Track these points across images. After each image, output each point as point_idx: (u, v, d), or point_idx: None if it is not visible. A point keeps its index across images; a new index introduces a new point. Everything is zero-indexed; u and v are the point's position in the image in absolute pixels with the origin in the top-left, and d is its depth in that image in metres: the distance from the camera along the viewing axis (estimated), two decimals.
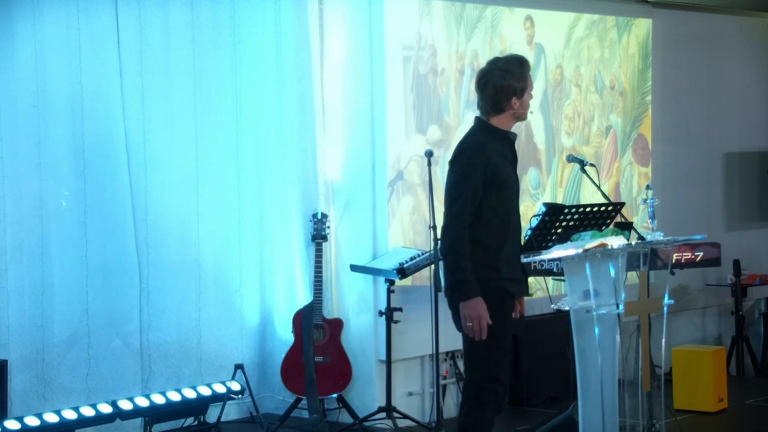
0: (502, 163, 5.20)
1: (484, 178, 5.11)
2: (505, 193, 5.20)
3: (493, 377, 5.22)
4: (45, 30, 6.83)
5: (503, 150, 5.24)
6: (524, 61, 5.33)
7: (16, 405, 6.68)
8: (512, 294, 5.29)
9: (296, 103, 7.60)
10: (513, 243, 5.28)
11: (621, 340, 5.66)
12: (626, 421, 5.80)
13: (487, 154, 5.14)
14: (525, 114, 5.34)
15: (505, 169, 5.21)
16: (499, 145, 5.23)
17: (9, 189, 6.78)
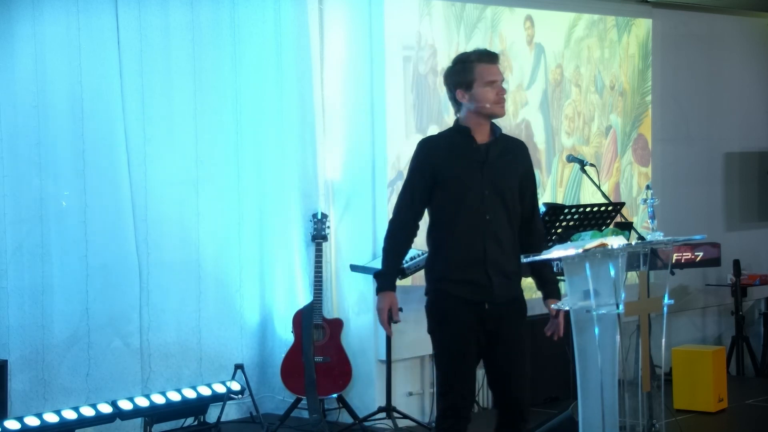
0: (453, 161, 4.98)
1: (425, 174, 4.99)
2: (451, 193, 4.97)
3: (446, 383, 5.05)
4: (45, 30, 6.83)
5: (464, 147, 4.99)
6: (472, 54, 5.14)
7: (16, 405, 6.68)
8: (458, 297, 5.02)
9: (296, 103, 7.60)
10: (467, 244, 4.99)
11: (621, 340, 5.66)
12: (626, 421, 5.80)
13: (429, 151, 5.01)
14: (486, 108, 4.97)
15: (455, 167, 4.98)
16: (460, 143, 5.00)
17: (9, 189, 6.78)
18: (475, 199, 4.96)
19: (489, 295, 5.02)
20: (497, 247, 5.00)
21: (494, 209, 4.98)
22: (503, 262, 5.03)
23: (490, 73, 5.03)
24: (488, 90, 4.99)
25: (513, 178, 5.04)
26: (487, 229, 4.97)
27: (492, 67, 5.07)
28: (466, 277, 5.00)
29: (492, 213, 4.97)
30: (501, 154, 5.03)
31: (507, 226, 5.02)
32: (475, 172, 4.97)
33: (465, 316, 5.02)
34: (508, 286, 5.09)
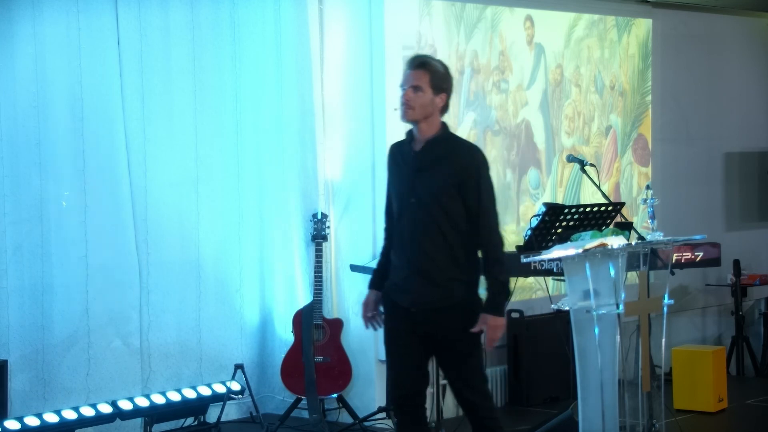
0: (396, 168, 5.15)
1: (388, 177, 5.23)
2: (394, 196, 5.14)
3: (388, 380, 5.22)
4: (45, 30, 6.83)
5: (405, 154, 5.11)
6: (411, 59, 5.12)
7: (16, 405, 6.68)
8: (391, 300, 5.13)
9: (296, 103, 7.59)
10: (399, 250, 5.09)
11: (621, 340, 5.67)
12: (626, 421, 5.81)
13: (388, 158, 5.22)
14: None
15: (395, 174, 5.15)
16: (405, 149, 5.12)
17: (9, 189, 6.78)
18: (404, 206, 5.06)
19: (412, 300, 5.03)
20: (421, 254, 5.00)
21: (419, 217, 5.00)
22: (430, 269, 4.99)
23: (403, 78, 5.06)
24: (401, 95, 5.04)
25: (443, 185, 4.98)
26: (411, 236, 5.02)
27: (407, 72, 5.05)
28: (397, 282, 5.09)
29: (416, 220, 5.00)
30: (434, 161, 5.01)
31: (437, 233, 4.98)
32: (407, 180, 5.07)
33: (396, 319, 5.11)
34: (434, 294, 5.00)
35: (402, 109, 5.04)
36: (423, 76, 4.99)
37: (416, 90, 4.98)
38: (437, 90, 5.01)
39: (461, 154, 5.04)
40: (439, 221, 4.97)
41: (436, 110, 5.03)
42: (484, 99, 8.11)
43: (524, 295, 8.21)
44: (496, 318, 4.95)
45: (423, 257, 4.99)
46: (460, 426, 7.64)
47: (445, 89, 5.04)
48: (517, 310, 8.09)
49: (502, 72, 8.22)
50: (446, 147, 5.04)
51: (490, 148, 8.15)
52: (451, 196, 4.97)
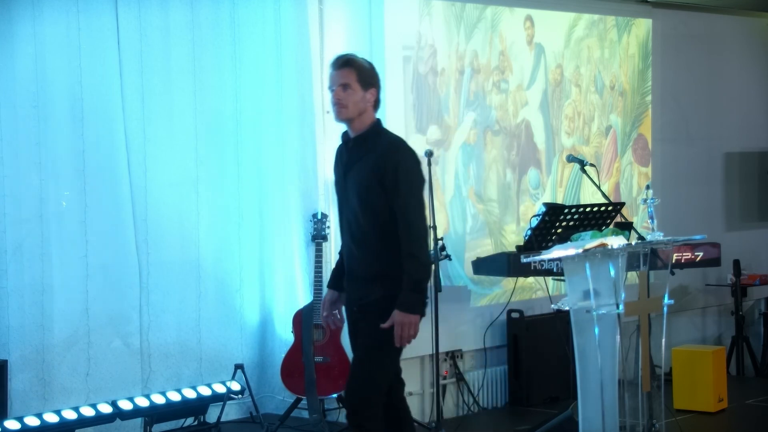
0: (336, 165, 5.16)
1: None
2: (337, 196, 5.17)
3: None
4: (45, 30, 6.83)
5: (341, 153, 5.13)
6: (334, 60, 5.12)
7: (16, 405, 6.68)
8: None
9: (296, 103, 7.59)
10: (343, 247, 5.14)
11: (621, 340, 5.67)
12: (626, 421, 5.81)
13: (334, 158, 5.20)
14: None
15: (336, 171, 5.15)
16: (342, 148, 5.14)
17: (9, 189, 6.78)
18: (340, 203, 5.12)
19: (349, 298, 5.11)
20: (351, 251, 5.05)
21: (347, 216, 5.04)
22: (357, 266, 5.02)
23: (330, 79, 5.06)
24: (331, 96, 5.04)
25: (366, 181, 4.93)
26: (346, 234, 5.08)
27: (332, 73, 5.05)
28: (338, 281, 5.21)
29: (345, 220, 5.06)
30: (360, 158, 4.99)
31: (363, 231, 4.96)
32: (340, 181, 5.09)
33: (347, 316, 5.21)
34: (363, 291, 5.00)
35: (335, 109, 5.02)
36: (350, 74, 4.99)
37: (345, 88, 4.97)
38: (366, 86, 5.01)
39: (383, 148, 4.98)
40: (363, 218, 4.94)
41: (369, 106, 5.03)
42: (484, 99, 8.11)
43: (524, 295, 8.22)
44: (404, 315, 4.84)
45: (354, 255, 5.02)
46: (460, 426, 7.64)
47: (373, 84, 5.05)
48: (517, 310, 8.10)
49: (502, 72, 8.22)
50: (371, 142, 5.00)
51: (490, 148, 8.15)
52: (373, 191, 4.92)
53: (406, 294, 4.86)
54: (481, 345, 8.09)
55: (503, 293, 8.06)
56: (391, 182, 4.90)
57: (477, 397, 8.03)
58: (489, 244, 8.06)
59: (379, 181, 4.91)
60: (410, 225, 4.90)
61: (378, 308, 4.92)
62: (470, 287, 7.98)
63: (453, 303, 7.84)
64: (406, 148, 5.02)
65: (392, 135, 5.11)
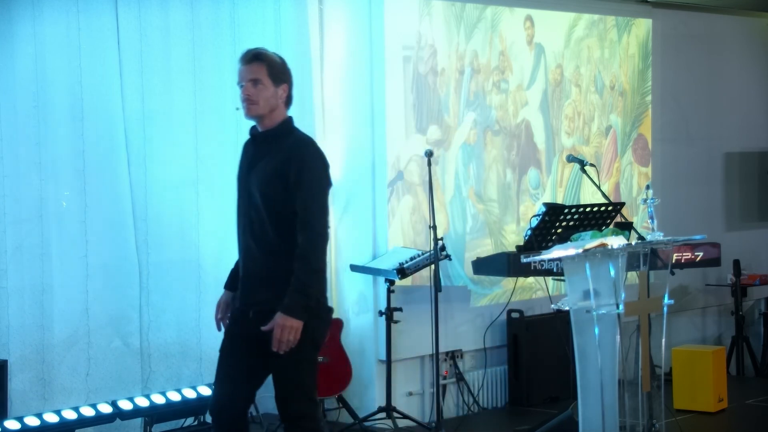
0: (241, 160, 4.97)
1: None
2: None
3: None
4: (45, 30, 6.83)
5: (246, 151, 4.96)
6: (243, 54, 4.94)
7: (16, 405, 6.67)
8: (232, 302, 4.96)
9: (296, 103, 7.52)
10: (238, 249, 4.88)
11: (621, 340, 5.67)
12: (626, 421, 5.81)
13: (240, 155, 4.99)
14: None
15: (240, 166, 4.95)
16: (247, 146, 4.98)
17: (9, 189, 6.78)
18: (239, 203, 4.87)
19: (246, 303, 4.80)
20: (249, 253, 4.79)
21: (248, 215, 4.79)
22: (255, 270, 4.77)
23: (239, 75, 4.91)
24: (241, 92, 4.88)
25: (269, 179, 4.74)
26: (244, 234, 4.82)
27: (241, 68, 4.90)
28: (235, 283, 4.93)
29: (246, 219, 4.80)
30: (265, 157, 4.80)
31: (264, 232, 4.73)
32: (243, 177, 4.90)
33: (234, 320, 4.88)
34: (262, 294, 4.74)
35: (245, 105, 4.85)
36: (260, 69, 4.84)
37: (256, 84, 4.82)
38: (277, 81, 4.84)
39: (288, 146, 4.80)
40: (266, 218, 4.72)
41: (281, 103, 4.85)
42: (484, 99, 8.11)
43: (524, 295, 8.22)
44: (285, 317, 4.58)
45: (253, 256, 4.77)
46: (461, 426, 7.64)
47: (284, 80, 4.87)
48: (517, 310, 8.10)
49: (502, 72, 8.22)
50: (280, 140, 4.83)
51: (490, 148, 8.15)
52: (276, 190, 4.72)
53: (291, 296, 4.61)
54: (481, 345, 8.09)
55: (503, 293, 8.06)
56: (295, 182, 4.70)
57: (477, 397, 8.03)
58: (489, 244, 8.06)
59: (282, 179, 4.71)
60: (308, 227, 4.68)
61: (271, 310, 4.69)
62: (470, 287, 7.98)
63: (453, 303, 7.85)
64: (315, 149, 4.83)
65: (303, 134, 4.91)
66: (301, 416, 4.77)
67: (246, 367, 4.82)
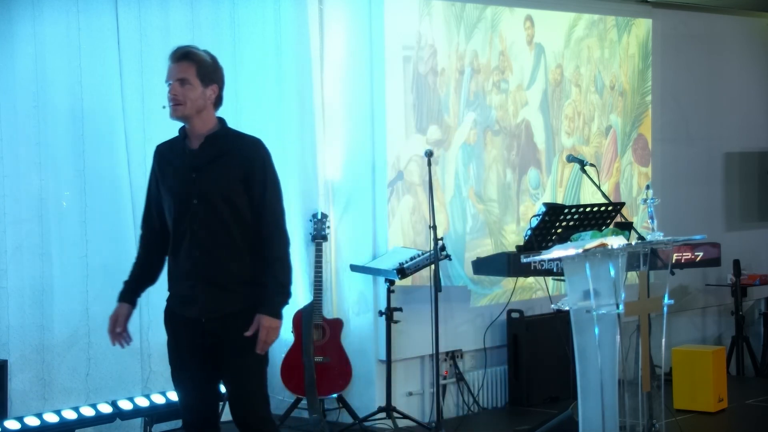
0: (169, 168, 4.71)
1: (155, 183, 4.76)
2: (167, 202, 4.68)
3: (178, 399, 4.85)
4: (45, 30, 6.83)
5: (175, 153, 4.74)
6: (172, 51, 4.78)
7: (16, 405, 6.67)
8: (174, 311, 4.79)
9: (296, 103, 7.59)
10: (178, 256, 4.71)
11: (621, 340, 5.67)
12: (626, 421, 5.81)
13: (156, 158, 4.79)
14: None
15: (169, 175, 4.69)
16: (177, 148, 4.76)
17: (9, 189, 6.78)
18: (183, 208, 4.63)
19: (201, 310, 4.65)
20: (208, 258, 4.62)
21: (204, 218, 4.61)
22: (216, 273, 4.63)
23: (168, 73, 4.76)
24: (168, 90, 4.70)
25: (229, 182, 4.63)
26: (195, 240, 4.62)
27: (170, 66, 4.75)
28: (178, 291, 4.75)
29: (200, 223, 4.61)
30: (214, 158, 4.66)
31: (224, 235, 4.61)
32: (184, 180, 4.65)
33: (180, 332, 4.75)
34: (224, 300, 4.64)
35: (170, 105, 4.70)
36: (188, 68, 4.69)
37: (183, 83, 4.67)
38: (206, 81, 4.69)
39: (244, 147, 4.72)
40: (226, 221, 4.60)
41: (209, 103, 4.72)
42: (484, 99, 8.11)
43: (524, 295, 8.22)
44: (270, 319, 4.57)
45: (211, 262, 4.62)
46: (461, 426, 7.64)
47: (215, 80, 4.72)
48: (517, 310, 8.10)
49: (502, 72, 8.22)
50: (227, 142, 4.71)
51: (490, 148, 8.15)
52: (237, 192, 4.62)
53: (274, 298, 4.59)
54: (481, 345, 8.09)
55: (503, 293, 8.06)
56: (259, 182, 4.65)
57: (477, 397, 8.03)
58: (489, 244, 8.06)
59: (244, 181, 4.63)
60: (275, 226, 4.64)
61: (245, 319, 4.60)
62: (470, 287, 7.98)
63: (453, 303, 7.85)
64: (266, 148, 4.78)
65: (248, 135, 4.82)
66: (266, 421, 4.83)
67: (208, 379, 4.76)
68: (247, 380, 4.72)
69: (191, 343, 4.72)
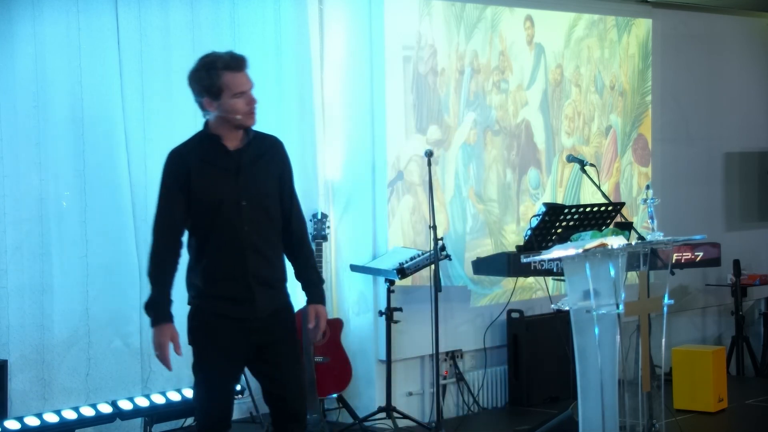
0: (206, 171, 4.66)
1: (178, 186, 4.65)
2: (205, 205, 4.61)
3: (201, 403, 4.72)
4: (45, 30, 6.83)
5: (213, 156, 4.69)
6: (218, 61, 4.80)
7: (16, 405, 6.67)
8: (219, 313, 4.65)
9: (296, 103, 7.59)
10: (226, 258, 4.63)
11: (621, 340, 5.67)
12: (626, 421, 5.81)
13: (181, 163, 4.70)
14: (237, 119, 4.67)
15: (207, 178, 4.65)
16: (211, 151, 4.70)
17: (9, 189, 6.78)
18: (230, 210, 4.62)
19: (252, 310, 4.64)
20: (259, 258, 4.65)
21: (253, 219, 4.64)
22: (267, 273, 4.68)
23: (238, 83, 4.69)
24: (238, 101, 4.67)
25: (271, 181, 4.72)
26: (246, 241, 4.63)
27: (240, 75, 4.71)
28: (227, 293, 4.65)
29: (251, 223, 4.64)
30: (255, 159, 4.71)
31: (270, 234, 4.69)
32: (228, 182, 4.65)
33: (225, 333, 4.65)
34: (273, 297, 4.70)
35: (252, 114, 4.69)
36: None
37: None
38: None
39: (274, 146, 4.79)
40: (270, 220, 4.69)
41: None
42: (484, 99, 8.11)
43: (524, 295, 8.22)
44: (322, 307, 4.78)
45: (261, 261, 4.66)
46: (461, 426, 7.64)
47: None
48: (517, 310, 8.10)
49: (502, 72, 8.22)
50: (261, 142, 4.76)
51: (490, 148, 8.15)
52: (275, 191, 4.73)
53: (319, 287, 4.79)
54: (481, 345, 8.10)
55: (503, 293, 8.06)
56: (289, 182, 4.79)
57: (477, 397, 8.03)
58: (489, 244, 8.06)
59: (279, 180, 4.75)
60: (306, 224, 4.89)
61: (288, 314, 4.76)
62: (470, 287, 7.98)
63: (453, 303, 7.85)
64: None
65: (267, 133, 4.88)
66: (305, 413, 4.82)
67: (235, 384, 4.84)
68: (300, 372, 4.82)
69: (235, 343, 4.68)
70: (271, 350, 4.70)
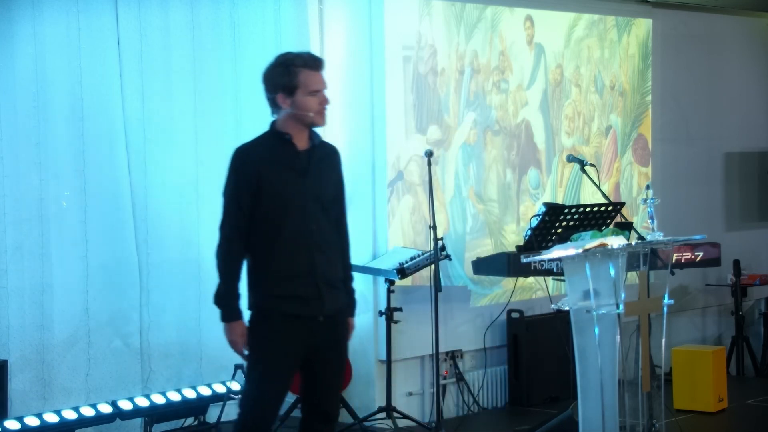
0: (276, 169, 4.70)
1: (251, 184, 4.68)
2: (274, 203, 4.67)
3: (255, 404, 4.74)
4: (45, 30, 6.83)
5: (282, 155, 4.72)
6: (297, 58, 4.81)
7: (16, 405, 6.68)
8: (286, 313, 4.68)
9: None
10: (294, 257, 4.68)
11: (621, 340, 5.67)
12: (626, 421, 5.81)
13: (250, 160, 4.71)
14: (309, 117, 4.73)
15: (277, 176, 4.69)
16: (281, 150, 4.73)
17: (9, 189, 6.78)
18: (298, 209, 4.71)
19: (320, 308, 4.70)
20: (324, 257, 4.73)
21: (318, 219, 4.74)
22: (331, 272, 4.76)
23: (314, 81, 4.74)
24: (311, 99, 4.72)
25: (332, 185, 4.87)
26: (312, 240, 4.71)
27: (316, 74, 4.76)
28: (296, 291, 4.70)
29: (317, 223, 4.73)
30: (320, 162, 4.81)
31: (332, 234, 4.80)
32: (297, 182, 4.73)
33: (292, 333, 4.69)
34: (337, 296, 4.77)
35: (324, 114, 4.78)
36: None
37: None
38: None
39: (337, 157, 4.96)
40: (334, 221, 4.83)
41: None
42: (484, 99, 8.11)
43: (524, 295, 8.22)
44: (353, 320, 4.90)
45: (327, 261, 4.75)
46: (461, 426, 7.64)
47: None
48: (517, 310, 8.10)
49: (502, 72, 8.22)
50: (326, 148, 4.90)
51: (490, 148, 8.15)
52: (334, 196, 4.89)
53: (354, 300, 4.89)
54: (481, 345, 8.10)
55: (503, 293, 8.06)
56: (341, 188, 4.96)
57: (477, 397, 8.03)
58: (489, 244, 8.06)
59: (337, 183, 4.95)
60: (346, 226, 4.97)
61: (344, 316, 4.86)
62: (470, 287, 7.98)
63: (453, 303, 7.85)
64: None
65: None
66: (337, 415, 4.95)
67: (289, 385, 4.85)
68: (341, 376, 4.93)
69: (297, 346, 4.72)
70: (328, 350, 4.77)
